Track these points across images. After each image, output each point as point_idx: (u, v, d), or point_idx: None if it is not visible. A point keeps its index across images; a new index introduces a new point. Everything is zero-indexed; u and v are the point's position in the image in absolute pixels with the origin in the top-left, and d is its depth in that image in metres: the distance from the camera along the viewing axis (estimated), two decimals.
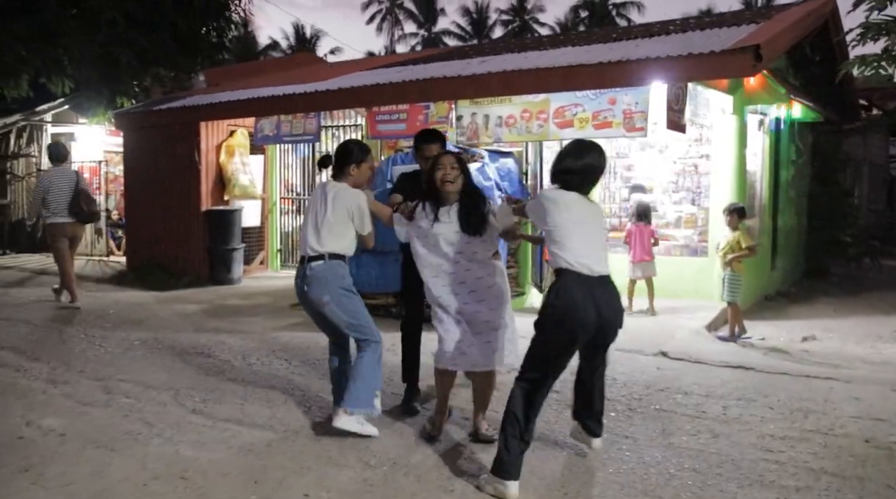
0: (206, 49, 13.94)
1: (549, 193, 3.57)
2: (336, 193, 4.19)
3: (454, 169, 4.01)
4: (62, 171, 8.52)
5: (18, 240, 15.08)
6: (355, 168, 4.26)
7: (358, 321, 4.24)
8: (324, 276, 4.15)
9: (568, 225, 3.43)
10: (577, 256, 3.41)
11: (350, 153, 4.27)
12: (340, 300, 4.19)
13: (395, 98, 8.18)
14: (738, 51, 6.05)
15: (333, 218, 4.16)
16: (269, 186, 11.66)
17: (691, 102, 7.38)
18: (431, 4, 54.55)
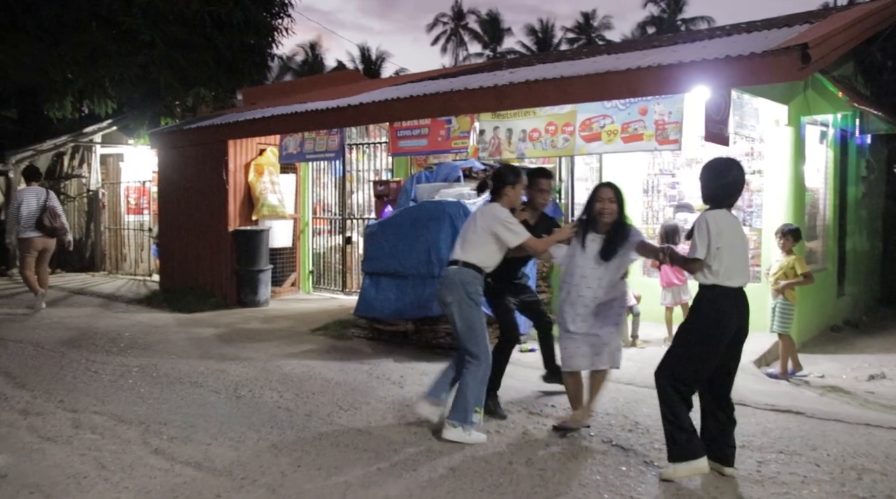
0: (247, 68, 13.89)
1: (712, 216, 3.79)
2: (481, 211, 4.75)
3: (612, 203, 4.43)
4: (34, 190, 9.43)
5: (69, 260, 15.31)
6: (510, 189, 4.70)
7: (472, 332, 4.52)
8: (453, 279, 4.55)
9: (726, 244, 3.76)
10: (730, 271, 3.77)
11: (504, 177, 4.74)
12: (462, 306, 4.51)
13: (417, 113, 7.73)
14: (783, 52, 5.32)
15: (473, 232, 4.63)
16: (301, 206, 11.38)
17: (736, 112, 6.64)
18: (496, 24, 54.34)
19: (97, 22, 11.90)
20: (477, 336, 4.51)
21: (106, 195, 14.82)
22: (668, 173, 8.79)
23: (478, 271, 4.55)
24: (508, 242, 4.55)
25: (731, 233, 3.79)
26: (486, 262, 4.59)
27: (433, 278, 7.25)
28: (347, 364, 6.65)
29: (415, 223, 7.45)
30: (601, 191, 4.53)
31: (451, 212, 7.17)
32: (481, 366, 4.49)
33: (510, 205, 4.68)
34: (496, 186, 4.75)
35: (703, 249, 3.75)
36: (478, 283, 4.56)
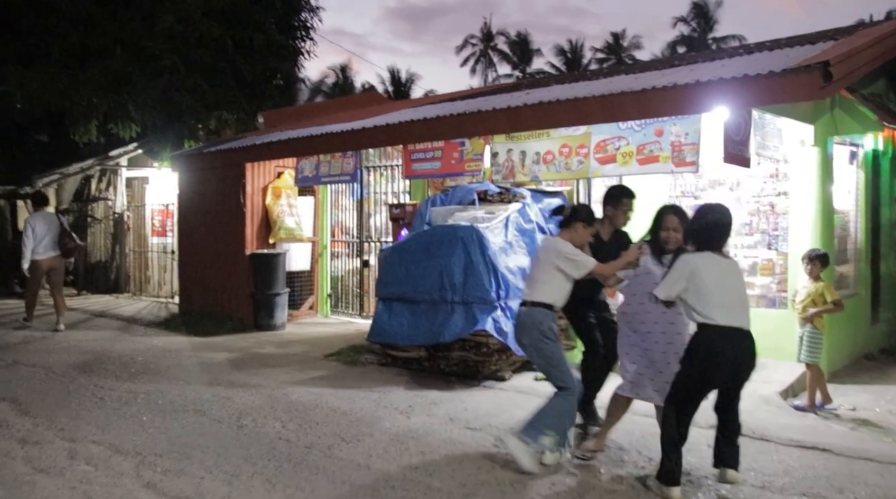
0: (269, 91, 13.98)
1: (687, 258, 3.98)
2: (544, 245, 4.72)
3: (676, 232, 4.41)
4: (42, 214, 9.96)
5: (96, 282, 15.48)
6: (582, 227, 4.66)
7: (554, 368, 4.50)
8: (524, 321, 4.53)
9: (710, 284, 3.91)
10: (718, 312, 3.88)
11: (582, 213, 4.73)
12: (538, 346, 4.49)
13: (430, 135, 7.62)
14: (803, 70, 5.10)
15: (538, 269, 4.60)
16: (320, 229, 11.33)
17: (758, 132, 6.41)
18: (526, 45, 54.37)
19: (121, 47, 12.07)
20: (560, 370, 4.51)
21: (131, 218, 14.97)
22: (691, 196, 8.53)
23: (548, 308, 4.52)
24: (574, 274, 4.52)
25: (711, 273, 3.93)
26: (554, 297, 4.55)
27: (446, 304, 7.10)
28: (356, 392, 6.50)
29: (428, 248, 7.32)
30: (667, 218, 4.48)
31: (463, 236, 7.02)
32: (570, 396, 4.49)
33: (575, 241, 4.62)
34: (572, 217, 4.71)
35: (665, 288, 4.03)
36: (550, 320, 4.52)
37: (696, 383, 4.00)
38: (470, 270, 6.93)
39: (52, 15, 11.66)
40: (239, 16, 13.15)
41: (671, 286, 3.99)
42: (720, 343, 3.87)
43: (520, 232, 7.34)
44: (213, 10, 12.72)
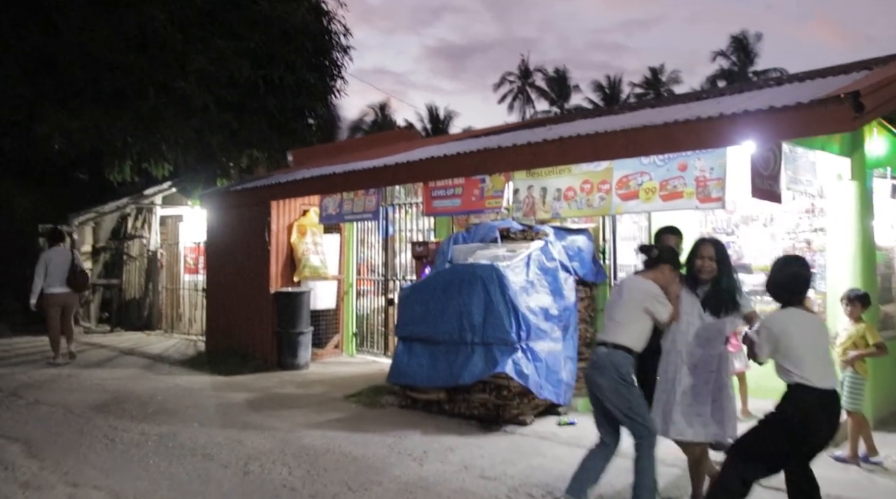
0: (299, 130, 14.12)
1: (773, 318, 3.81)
2: (631, 286, 4.49)
3: (711, 261, 4.36)
4: (58, 250, 10.31)
5: (129, 319, 15.64)
6: (669, 270, 4.50)
7: (633, 413, 4.28)
8: (604, 363, 4.33)
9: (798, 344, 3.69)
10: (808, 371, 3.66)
11: (670, 256, 4.57)
12: (617, 389, 4.29)
13: (450, 172, 7.52)
14: (832, 101, 4.84)
15: (622, 309, 4.41)
16: (345, 267, 11.25)
17: (789, 166, 6.13)
18: (564, 82, 54.40)
19: (154, 88, 12.33)
20: (638, 415, 4.30)
21: (164, 255, 15.15)
22: (723, 232, 8.22)
23: (629, 353, 4.35)
24: (661, 318, 4.39)
25: (800, 332, 3.74)
26: (637, 341, 4.40)
27: (466, 345, 6.90)
28: (371, 436, 6.29)
29: (447, 287, 7.15)
30: (702, 247, 4.46)
31: (483, 275, 6.84)
32: (653, 442, 4.28)
33: (659, 282, 4.48)
34: (658, 258, 4.55)
35: (763, 350, 3.81)
36: (629, 364, 4.36)
37: (784, 447, 3.73)
38: (490, 311, 6.73)
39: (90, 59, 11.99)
40: (270, 56, 13.36)
41: (761, 353, 3.82)
42: (818, 409, 3.66)
43: (542, 271, 7.13)
44: (244, 51, 12.94)
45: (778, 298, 3.89)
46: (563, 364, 7.08)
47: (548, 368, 6.82)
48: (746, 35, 45.56)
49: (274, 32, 13.18)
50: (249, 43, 12.94)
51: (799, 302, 3.85)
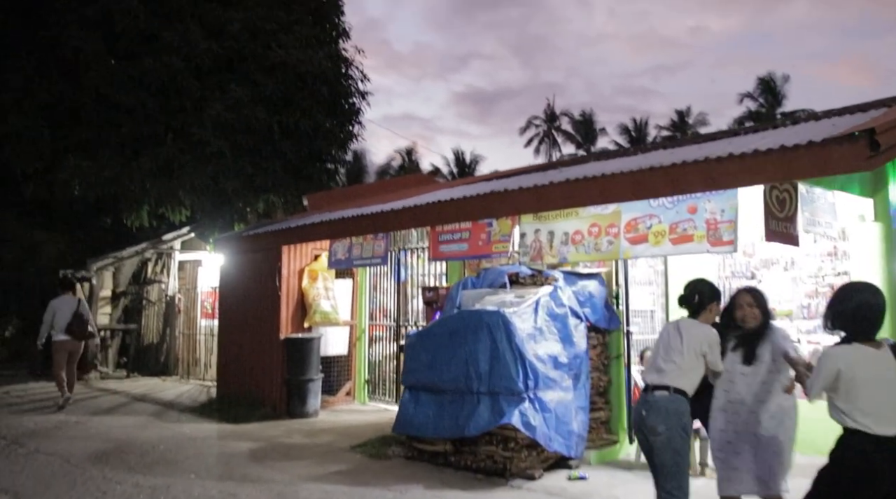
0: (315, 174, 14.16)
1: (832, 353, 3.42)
2: (689, 329, 4.33)
3: (752, 307, 4.26)
4: (66, 299, 10.61)
5: (147, 364, 15.59)
6: (716, 306, 4.44)
7: (679, 468, 4.16)
8: (665, 407, 4.18)
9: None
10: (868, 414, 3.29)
11: (711, 293, 4.47)
12: (673, 436, 4.15)
13: (457, 216, 7.37)
14: (846, 139, 4.62)
15: (679, 353, 4.26)
16: (358, 312, 11.08)
17: (806, 208, 5.86)
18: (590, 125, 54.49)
19: (172, 134, 12.49)
20: (684, 474, 4.19)
21: (182, 300, 15.15)
22: (742, 276, 7.93)
23: (687, 398, 4.23)
24: (716, 365, 4.28)
25: (862, 370, 3.32)
26: (693, 387, 4.28)
27: (472, 394, 6.66)
28: (370, 490, 6.03)
29: (453, 334, 6.94)
30: (739, 297, 4.36)
31: (489, 322, 6.62)
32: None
33: (710, 323, 4.42)
34: (701, 301, 4.43)
35: (816, 386, 3.43)
36: (688, 410, 4.24)
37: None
38: (496, 359, 6.50)
39: (110, 106, 12.21)
40: (285, 101, 13.48)
41: (813, 387, 3.46)
42: (877, 456, 3.23)
43: (551, 317, 6.89)
44: (260, 97, 13.08)
45: (842, 330, 3.50)
46: (574, 415, 6.78)
47: (557, 418, 6.53)
48: (773, 77, 45.32)
49: (290, 78, 13.33)
50: (265, 89, 13.09)
51: (867, 337, 3.42)
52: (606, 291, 7.56)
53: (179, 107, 12.63)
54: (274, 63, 13.18)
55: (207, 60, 12.72)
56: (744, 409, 4.22)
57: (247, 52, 13.16)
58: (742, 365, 4.26)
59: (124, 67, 12.33)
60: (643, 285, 8.48)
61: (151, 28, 12.56)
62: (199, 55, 12.62)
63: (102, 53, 12.32)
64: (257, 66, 13.23)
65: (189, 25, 12.77)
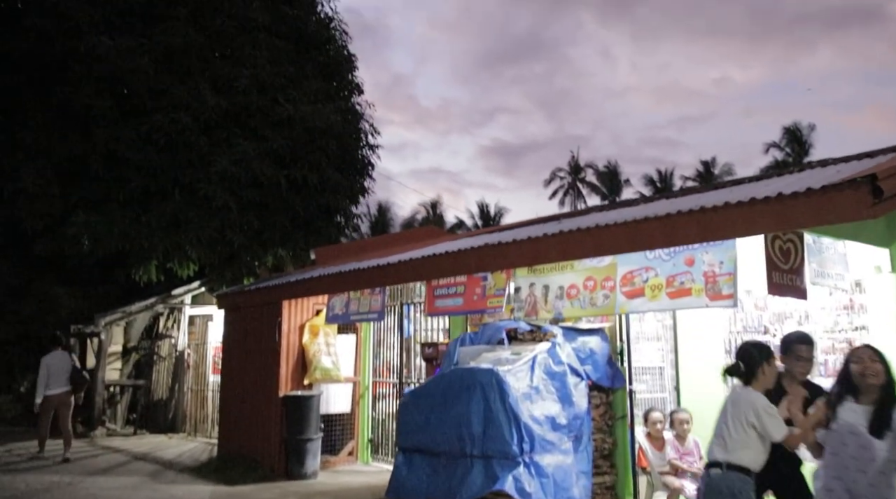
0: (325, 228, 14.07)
1: None
2: (735, 400, 4.12)
3: (874, 363, 3.93)
4: (56, 354, 10.80)
5: (156, 420, 15.35)
6: (766, 367, 4.17)
7: None
8: (719, 487, 3.98)
9: None
10: None
11: (754, 356, 4.21)
12: None
13: (451, 270, 7.13)
14: (847, 185, 4.33)
15: (732, 426, 4.03)
16: (361, 369, 10.78)
17: (813, 258, 5.55)
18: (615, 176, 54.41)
19: (179, 189, 12.52)
20: None
21: (191, 356, 14.98)
22: (754, 331, 7.53)
23: (746, 474, 3.95)
24: (772, 434, 3.97)
25: None
26: (753, 461, 3.99)
27: (465, 458, 6.31)
28: None
29: (446, 393, 6.64)
30: (859, 351, 4.09)
31: (482, 381, 6.31)
32: None
33: (765, 387, 4.15)
34: (748, 367, 4.18)
35: None
36: (749, 488, 3.95)
37: None
38: (489, 420, 6.17)
39: (119, 162, 12.33)
40: (293, 155, 13.51)
41: None
42: None
43: (549, 375, 6.54)
44: (267, 151, 13.12)
45: None
46: (576, 480, 6.37)
47: (556, 484, 6.13)
48: (799, 126, 45.08)
49: (298, 132, 13.38)
50: (272, 143, 13.14)
51: None
52: (610, 347, 7.21)
53: (187, 162, 12.71)
54: (281, 117, 13.27)
55: (215, 116, 12.84)
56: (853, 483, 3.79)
57: (254, 106, 13.28)
58: (863, 437, 3.82)
59: (133, 124, 12.49)
60: (651, 341, 8.12)
61: (160, 85, 12.75)
62: (206, 111, 12.74)
63: (112, 110, 12.50)
64: (265, 120, 13.33)
65: (198, 82, 12.95)
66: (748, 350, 4.31)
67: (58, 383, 10.66)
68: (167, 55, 13.04)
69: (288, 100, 13.37)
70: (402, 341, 10.27)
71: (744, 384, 4.19)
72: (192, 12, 13.71)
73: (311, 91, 14.02)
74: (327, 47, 15.56)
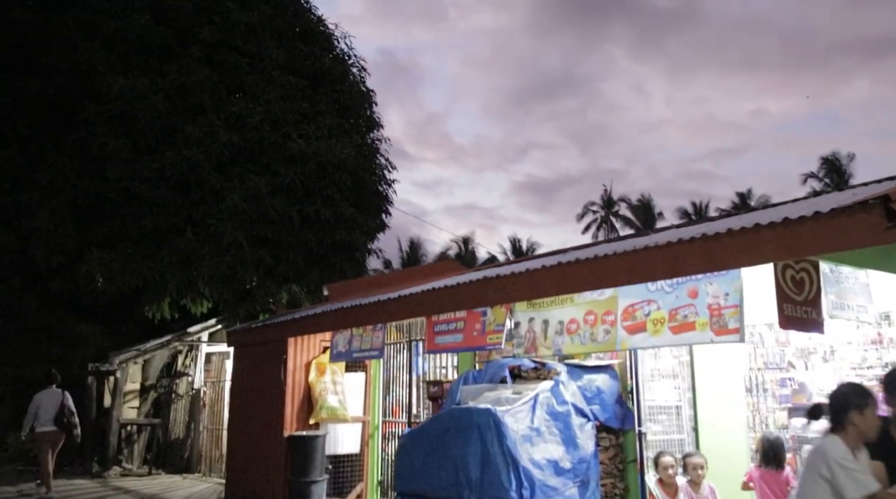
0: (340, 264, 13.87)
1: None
2: (813, 448, 3.73)
3: None
4: (50, 391, 10.84)
5: (172, 460, 15.14)
6: (857, 415, 3.57)
7: None
8: None
9: None
10: None
11: (846, 400, 3.65)
12: None
13: (450, 305, 6.85)
14: (858, 208, 3.96)
15: (804, 479, 3.65)
16: (371, 407, 10.45)
17: (831, 289, 5.13)
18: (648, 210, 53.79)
19: (192, 226, 12.49)
20: None
21: (207, 394, 14.80)
22: (776, 367, 7.06)
23: None
24: (848, 491, 3.39)
25: None
26: None
27: None
28: None
29: (443, 435, 6.28)
30: None
31: (479, 422, 5.95)
32: None
33: (860, 439, 3.57)
34: (835, 411, 3.66)
35: None
36: None
37: None
38: (487, 463, 5.79)
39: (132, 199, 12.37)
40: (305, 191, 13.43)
41: None
42: None
43: (551, 416, 6.16)
44: (280, 188, 13.06)
45: None
46: None
47: None
48: (838, 156, 44.10)
49: (310, 167, 13.31)
50: (284, 179, 13.08)
51: None
52: (620, 385, 6.80)
53: (199, 198, 12.72)
54: (294, 153, 13.23)
55: (227, 152, 12.86)
56: None
57: (267, 142, 13.27)
58: None
59: (145, 161, 12.56)
60: (667, 378, 7.65)
61: (173, 122, 12.84)
62: (219, 147, 12.77)
63: (125, 148, 12.59)
64: (277, 155, 13.31)
65: (210, 118, 13.01)
66: (840, 393, 3.77)
67: (48, 420, 10.74)
68: (180, 92, 13.16)
69: (301, 135, 13.34)
70: (411, 379, 9.94)
71: (829, 432, 3.66)
72: (207, 50, 13.86)
73: (324, 126, 13.99)
74: (342, 83, 15.59)
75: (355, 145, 14.69)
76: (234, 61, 13.80)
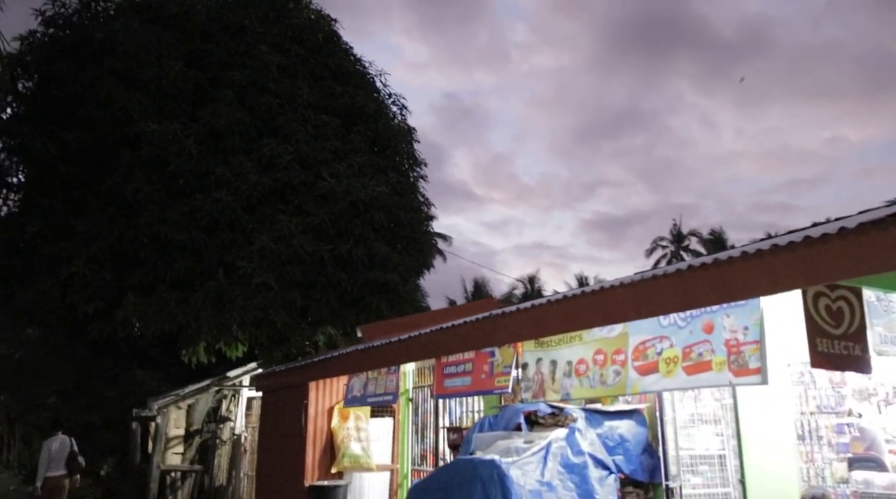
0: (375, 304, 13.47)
1: None
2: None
3: None
4: (56, 438, 10.99)
5: None
6: None
7: None
8: None
9: None
10: None
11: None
12: None
13: (458, 346, 6.36)
14: (890, 220, 3.31)
15: None
16: (400, 455, 9.90)
17: (878, 320, 4.41)
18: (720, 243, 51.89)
19: (223, 269, 12.38)
20: None
21: (248, 439, 14.52)
22: (831, 411, 6.21)
23: None
24: None
25: None
26: None
27: None
28: None
29: (448, 488, 5.75)
30: None
31: (483, 475, 5.39)
32: None
33: None
34: None
35: None
36: None
37: None
38: None
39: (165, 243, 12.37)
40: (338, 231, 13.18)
41: None
42: None
43: (566, 468, 5.53)
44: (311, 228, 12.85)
45: None
46: None
47: None
48: None
49: (342, 206, 13.08)
50: (315, 218, 12.87)
51: None
52: (648, 432, 6.09)
53: (230, 241, 12.63)
54: (324, 192, 13.05)
55: (257, 193, 12.78)
56: None
57: (297, 181, 13.15)
58: None
59: (177, 205, 12.58)
60: (708, 423, 6.86)
61: (204, 165, 12.88)
62: (249, 188, 12.71)
63: (158, 193, 12.67)
64: (308, 195, 13.14)
65: (241, 160, 13.00)
66: None
67: (57, 466, 10.90)
68: (211, 135, 13.23)
69: (332, 174, 13.17)
70: (437, 424, 9.38)
71: None
72: (239, 92, 13.97)
73: (356, 164, 13.79)
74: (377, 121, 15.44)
75: (391, 183, 14.43)
76: (266, 102, 13.84)
